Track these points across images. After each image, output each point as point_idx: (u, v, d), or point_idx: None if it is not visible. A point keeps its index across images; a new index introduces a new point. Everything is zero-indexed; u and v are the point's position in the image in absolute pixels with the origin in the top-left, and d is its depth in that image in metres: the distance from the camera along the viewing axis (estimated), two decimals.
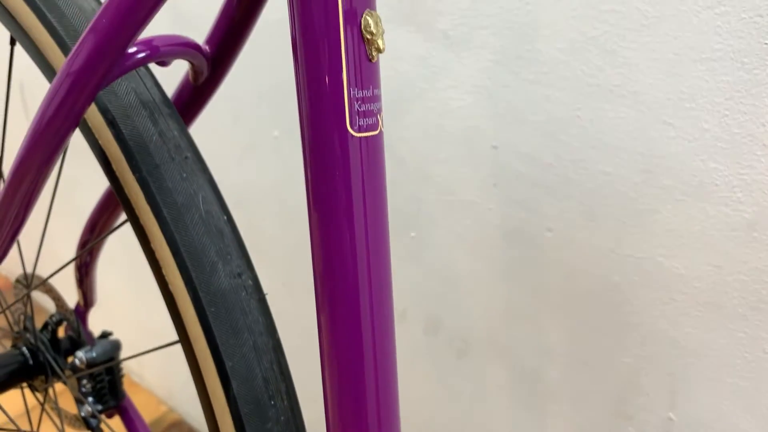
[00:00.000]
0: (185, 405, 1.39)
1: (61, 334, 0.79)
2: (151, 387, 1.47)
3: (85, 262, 0.77)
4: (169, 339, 0.52)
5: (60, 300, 0.79)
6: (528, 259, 0.70)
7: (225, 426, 0.43)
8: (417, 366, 0.85)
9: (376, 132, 0.34)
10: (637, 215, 0.61)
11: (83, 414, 0.76)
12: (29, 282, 0.77)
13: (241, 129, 0.94)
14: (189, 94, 0.50)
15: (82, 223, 0.70)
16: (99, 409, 0.77)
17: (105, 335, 0.77)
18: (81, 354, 0.73)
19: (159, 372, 1.44)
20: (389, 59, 0.72)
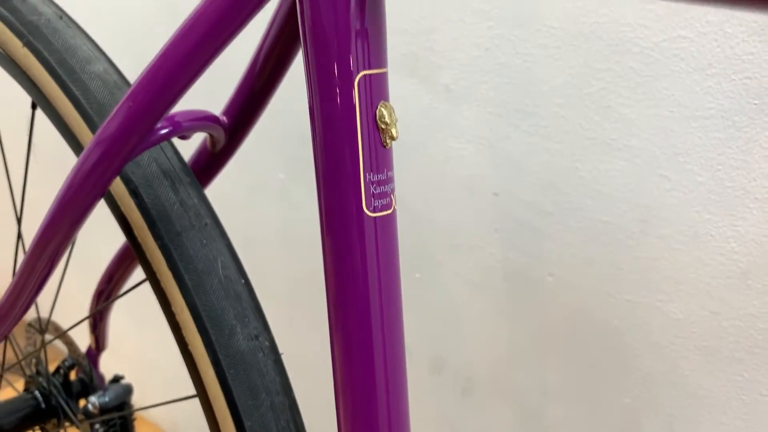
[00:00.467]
0: None
1: (72, 376, 0.80)
2: (156, 420, 1.48)
3: (100, 309, 0.78)
4: (174, 371, 0.52)
5: (73, 345, 0.80)
6: (530, 302, 0.72)
7: None
8: (422, 404, 0.87)
9: (389, 211, 0.36)
10: (636, 262, 0.63)
11: None
12: (44, 328, 0.79)
13: (248, 171, 0.96)
14: (206, 159, 0.52)
15: (97, 267, 0.71)
16: None
17: (116, 379, 0.79)
18: (94, 399, 0.74)
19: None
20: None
